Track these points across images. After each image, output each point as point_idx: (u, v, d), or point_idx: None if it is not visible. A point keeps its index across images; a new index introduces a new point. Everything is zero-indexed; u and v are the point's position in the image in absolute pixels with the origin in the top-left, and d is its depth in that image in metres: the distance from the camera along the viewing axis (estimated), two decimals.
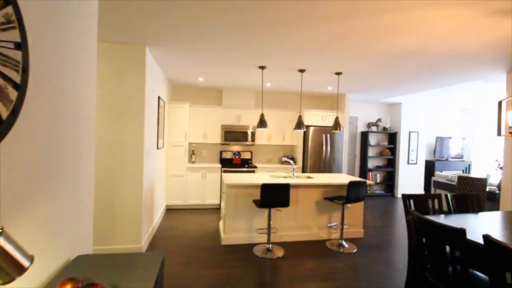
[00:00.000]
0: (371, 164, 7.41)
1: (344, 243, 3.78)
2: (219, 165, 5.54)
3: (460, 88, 5.32)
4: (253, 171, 5.63)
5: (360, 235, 4.22)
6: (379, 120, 7.18)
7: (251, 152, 6.13)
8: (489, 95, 5.91)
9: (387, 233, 4.38)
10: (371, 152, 7.40)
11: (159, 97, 4.15)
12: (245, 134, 5.79)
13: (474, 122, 7.67)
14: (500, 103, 2.25)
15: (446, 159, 7.43)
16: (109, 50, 3.13)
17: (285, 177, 4.41)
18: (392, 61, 3.53)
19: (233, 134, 5.73)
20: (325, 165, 5.83)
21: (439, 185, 5.31)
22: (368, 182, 3.98)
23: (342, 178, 4.30)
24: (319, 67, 3.98)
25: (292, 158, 6.18)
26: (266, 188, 3.28)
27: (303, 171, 5.89)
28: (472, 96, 6.12)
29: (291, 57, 3.52)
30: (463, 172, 7.48)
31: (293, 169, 4.20)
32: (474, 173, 7.57)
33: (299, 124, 4.14)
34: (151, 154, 3.69)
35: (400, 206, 6.25)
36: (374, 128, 7.37)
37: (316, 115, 5.98)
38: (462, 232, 1.58)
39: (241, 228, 3.77)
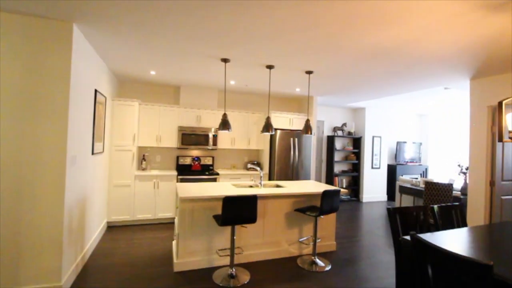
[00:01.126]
0: (337, 169, 7.25)
1: (317, 260, 3.35)
2: (175, 173, 4.82)
3: (422, 94, 5.35)
4: (215, 179, 5.01)
5: (332, 248, 3.85)
6: (345, 124, 7.06)
7: (213, 158, 5.50)
8: (446, 102, 6.09)
9: (359, 244, 4.09)
10: (337, 156, 7.24)
11: (96, 91, 3.35)
12: (206, 137, 5.16)
13: (430, 128, 7.98)
14: (500, 104, 1.99)
15: (405, 163, 7.58)
16: (19, 24, 2.32)
17: (251, 186, 3.88)
18: (363, 61, 3.24)
19: (192, 137, 5.06)
20: (293, 171, 5.44)
21: (404, 190, 5.24)
22: (342, 190, 3.63)
23: (313, 186, 3.91)
24: (287, 64, 3.55)
25: (258, 164, 5.69)
26: (230, 202, 2.71)
27: (270, 177, 5.43)
28: (432, 103, 6.27)
29: (257, 49, 3.03)
30: (421, 176, 7.70)
31: (260, 177, 3.69)
32: (431, 177, 7.84)
33: (267, 126, 3.66)
34: (81, 161, 2.89)
35: (367, 211, 6.11)
36: (339, 133, 7.24)
37: (283, 118, 5.59)
38: (488, 267, 1.20)
39: (198, 250, 3.14)
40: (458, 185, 4.74)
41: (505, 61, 3.07)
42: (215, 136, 5.22)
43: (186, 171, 5.06)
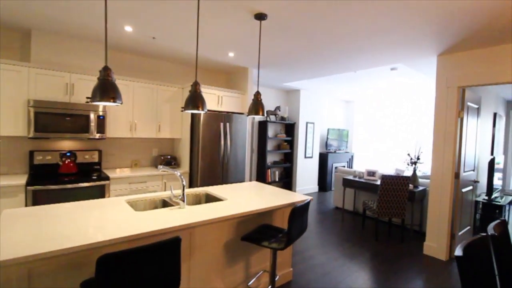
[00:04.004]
0: (269, 159, 6.26)
1: None
2: (23, 180, 2.73)
3: (355, 77, 4.78)
4: (102, 188, 3.15)
5: (288, 277, 2.72)
6: (278, 108, 6.08)
7: (99, 152, 3.56)
8: (378, 88, 5.81)
9: (316, 262, 3.11)
10: (269, 145, 6.24)
11: None
12: (85, 119, 3.18)
13: (356, 115, 7.91)
14: None
15: (335, 152, 7.27)
16: None
17: (164, 201, 2.31)
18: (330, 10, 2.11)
19: (57, 120, 3.02)
20: (224, 167, 4.06)
21: (349, 183, 4.63)
22: (310, 198, 2.49)
23: (264, 193, 2.64)
24: None
25: (174, 159, 4.05)
26: (116, 262, 1.13)
27: (191, 178, 3.90)
28: (358, 89, 5.92)
29: None
30: (347, 163, 7.57)
31: (182, 185, 2.13)
32: (356, 165, 7.83)
33: (195, 100, 2.10)
34: None
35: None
36: (272, 118, 6.23)
37: (210, 94, 4.08)
38: None
39: None
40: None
41: (487, 32, 2.48)
42: (101, 118, 3.29)
43: (47, 177, 2.99)
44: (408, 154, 4.18)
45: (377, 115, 7.69)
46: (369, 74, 4.81)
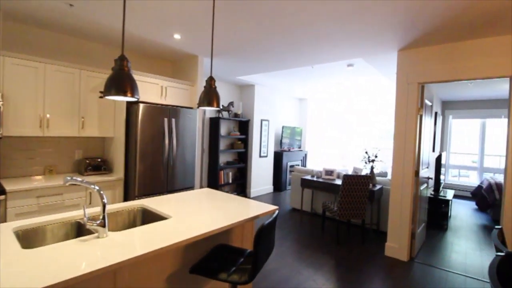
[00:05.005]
0: (221, 160, 5.75)
1: None
2: None
3: (320, 71, 4.61)
4: None
5: None
6: (231, 104, 5.60)
7: None
8: (333, 85, 5.75)
9: (278, 277, 2.73)
10: (222, 144, 5.73)
11: None
12: None
13: (310, 113, 7.87)
14: None
15: (289, 150, 7.09)
16: None
17: (80, 225, 1.66)
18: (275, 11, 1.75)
19: None
20: (169, 170, 3.43)
21: (308, 184, 4.39)
22: (274, 208, 2.07)
23: (219, 205, 2.14)
24: None
25: (104, 163, 3.27)
26: None
27: (127, 187, 3.18)
28: (311, 86, 5.81)
29: None
30: (301, 162, 7.47)
31: (102, 203, 1.49)
32: (309, 164, 7.79)
33: (121, 82, 1.47)
34: None
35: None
36: (225, 114, 5.73)
37: (151, 84, 3.40)
38: None
39: None
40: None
41: (449, 28, 2.40)
42: None
43: None
44: (366, 152, 4.10)
45: (331, 113, 7.75)
46: (326, 70, 4.65)
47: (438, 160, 4.46)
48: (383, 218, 4.04)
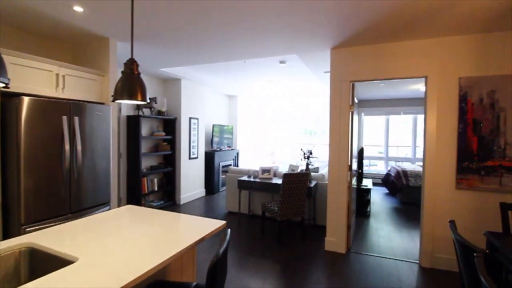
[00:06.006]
0: (144, 164, 4.99)
1: None
2: None
3: (251, 67, 4.44)
4: None
5: None
6: (154, 99, 4.89)
7: None
8: (264, 82, 5.68)
9: None
10: (144, 147, 4.97)
11: None
12: None
13: (240, 110, 7.68)
14: None
15: (220, 150, 6.75)
16: None
17: None
18: None
19: None
20: (72, 185, 2.64)
21: (245, 185, 4.14)
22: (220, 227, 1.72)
23: (152, 232, 1.66)
24: None
25: None
26: None
27: (7, 212, 2.30)
28: (241, 82, 5.65)
29: None
30: (234, 161, 7.23)
31: None
32: (242, 163, 7.62)
33: None
34: None
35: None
36: (147, 112, 4.98)
37: (39, 71, 2.54)
38: None
39: None
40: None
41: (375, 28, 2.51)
42: None
43: None
44: (301, 149, 4.11)
45: (261, 111, 7.73)
46: (257, 66, 4.50)
47: (361, 153, 4.85)
48: (319, 212, 4.12)
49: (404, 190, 5.56)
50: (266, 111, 8.84)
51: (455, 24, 2.50)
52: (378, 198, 6.06)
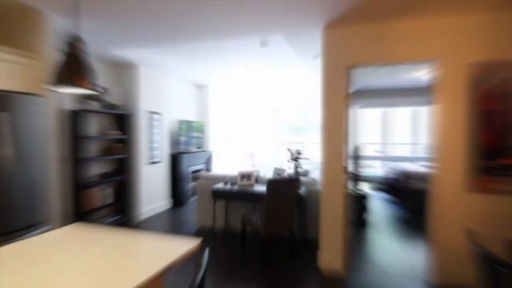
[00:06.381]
0: (93, 172, 4.75)
1: None
2: None
3: (225, 52, 4.38)
4: None
5: None
6: (106, 90, 4.67)
7: None
8: (241, 69, 5.62)
9: None
10: (93, 149, 4.73)
11: None
12: None
13: (212, 103, 7.57)
14: None
15: (189, 151, 6.60)
16: None
17: None
18: None
19: None
20: None
21: (222, 195, 4.06)
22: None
23: (109, 259, 1.55)
24: None
25: None
26: None
27: None
28: (210, 69, 5.57)
29: None
30: (206, 165, 7.12)
31: None
32: (216, 167, 7.51)
33: None
34: None
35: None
36: (94, 105, 4.74)
37: None
38: None
39: None
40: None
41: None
42: None
43: None
44: (289, 149, 4.11)
45: (238, 104, 7.66)
46: (233, 49, 4.45)
47: (356, 152, 4.94)
48: (309, 224, 4.12)
49: (406, 194, 5.74)
50: (243, 104, 8.78)
51: None
52: (376, 204, 6.22)
